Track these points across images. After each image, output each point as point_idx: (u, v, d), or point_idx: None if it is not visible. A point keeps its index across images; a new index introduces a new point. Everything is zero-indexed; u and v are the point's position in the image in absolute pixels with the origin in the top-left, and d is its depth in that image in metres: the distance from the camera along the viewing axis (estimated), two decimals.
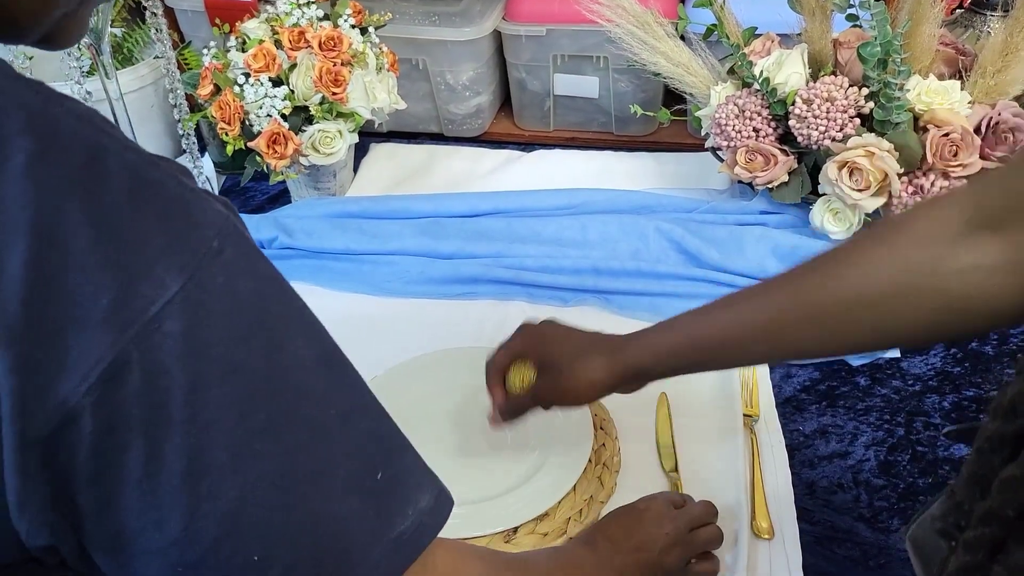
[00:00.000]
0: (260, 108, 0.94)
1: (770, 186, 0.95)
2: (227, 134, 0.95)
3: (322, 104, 0.96)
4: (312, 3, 0.98)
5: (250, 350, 0.35)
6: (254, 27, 0.98)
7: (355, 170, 1.13)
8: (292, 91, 0.95)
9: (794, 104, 0.90)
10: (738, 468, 0.72)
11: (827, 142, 0.89)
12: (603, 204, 1.01)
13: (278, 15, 0.98)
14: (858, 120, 0.89)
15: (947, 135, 0.86)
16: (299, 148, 0.96)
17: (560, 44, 1.11)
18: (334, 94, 0.95)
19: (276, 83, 0.95)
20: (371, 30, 1.01)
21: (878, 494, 0.72)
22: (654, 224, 0.96)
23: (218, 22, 1.01)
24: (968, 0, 1.02)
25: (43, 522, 0.33)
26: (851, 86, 0.89)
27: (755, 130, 0.94)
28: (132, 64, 1.11)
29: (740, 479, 0.70)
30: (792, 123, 0.91)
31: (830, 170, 0.89)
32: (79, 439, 0.31)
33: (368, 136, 1.16)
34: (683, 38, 1.01)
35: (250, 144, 0.95)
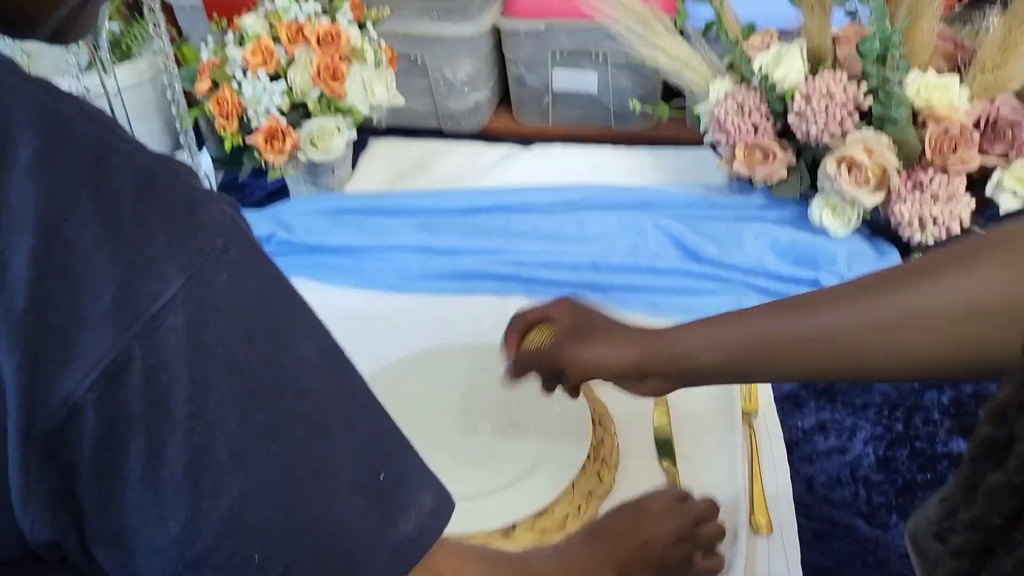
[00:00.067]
0: (258, 104, 0.94)
1: (769, 182, 0.95)
2: (225, 130, 0.95)
3: (320, 100, 0.96)
4: None
5: (253, 349, 0.35)
6: (252, 22, 0.98)
7: (354, 166, 1.13)
8: (290, 87, 0.95)
9: (793, 99, 0.90)
10: (737, 464, 0.72)
11: (826, 137, 0.89)
12: (602, 200, 1.01)
13: (276, 10, 0.98)
14: (857, 115, 0.89)
15: (946, 130, 0.85)
16: (297, 144, 0.95)
17: (559, 40, 1.10)
18: (332, 90, 0.94)
19: (274, 78, 0.95)
20: (369, 25, 1.00)
21: (877, 490, 0.72)
22: (653, 220, 0.96)
23: (216, 17, 1.01)
24: None
25: (46, 517, 0.33)
26: (850, 81, 0.89)
27: (754, 125, 0.94)
28: (130, 59, 1.10)
29: (739, 475, 0.70)
30: (791, 118, 0.91)
31: (829, 165, 0.89)
32: (81, 435, 0.32)
33: (367, 132, 1.15)
34: (682, 33, 1.00)
35: (248, 140, 0.95)
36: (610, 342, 0.60)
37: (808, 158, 0.94)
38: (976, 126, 0.86)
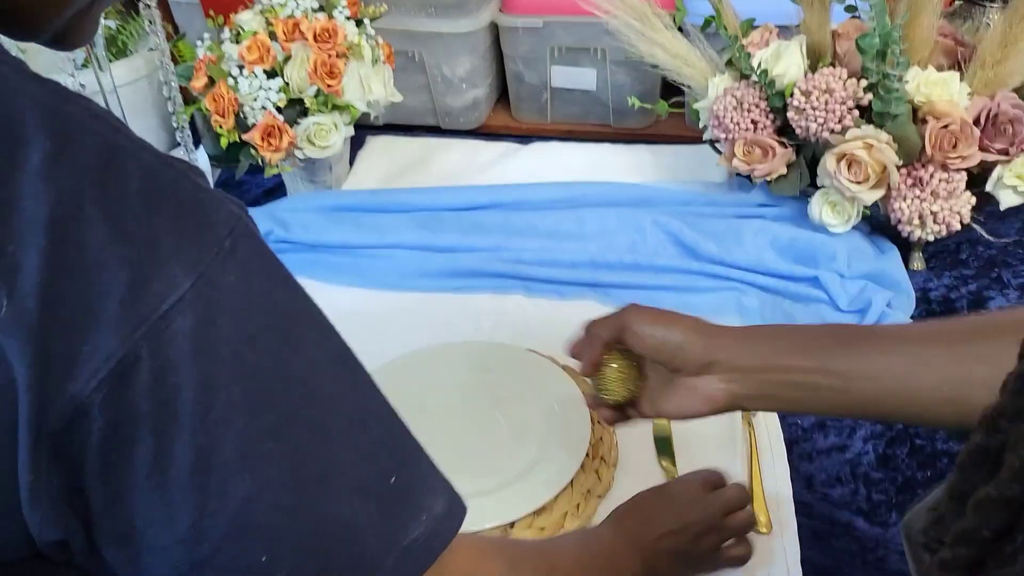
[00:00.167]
0: (254, 100, 0.93)
1: (768, 178, 0.95)
2: (221, 127, 0.94)
3: (317, 96, 0.95)
4: None
5: (261, 350, 0.35)
6: (248, 18, 0.97)
7: (351, 163, 1.13)
8: (287, 83, 0.94)
9: (792, 96, 0.90)
10: (736, 462, 0.71)
11: (825, 134, 0.89)
12: (600, 197, 1.01)
13: (272, 6, 0.97)
14: (857, 112, 0.88)
15: (946, 127, 0.85)
16: (294, 141, 0.95)
17: (557, 36, 1.10)
18: (329, 86, 0.94)
19: (270, 75, 0.94)
20: (366, 22, 1.00)
21: (876, 487, 0.72)
22: (652, 217, 0.96)
23: (212, 14, 1.00)
24: None
25: (54, 516, 0.33)
26: (850, 78, 0.88)
27: (753, 122, 0.93)
28: (126, 56, 1.10)
29: (738, 473, 0.70)
30: (790, 115, 0.90)
31: (828, 162, 0.89)
32: (89, 434, 0.32)
33: (364, 129, 1.15)
34: (681, 29, 1.00)
35: (244, 137, 0.95)
36: (697, 388, 0.56)
37: (808, 155, 0.94)
38: (976, 122, 0.86)
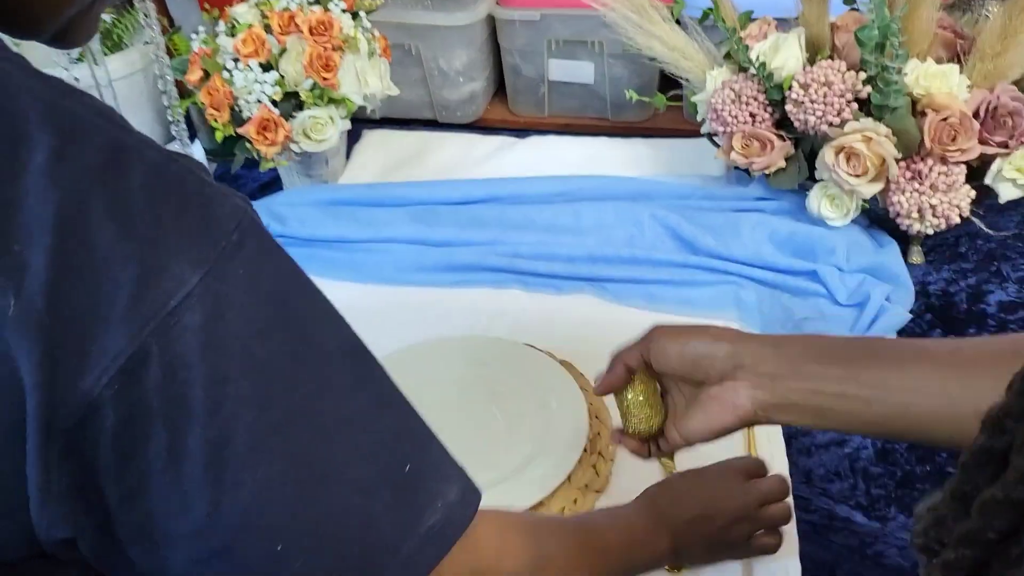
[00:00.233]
0: (249, 94, 0.93)
1: (767, 172, 0.94)
2: (216, 120, 0.94)
3: (313, 90, 0.95)
4: None
5: (271, 344, 0.35)
6: (243, 11, 0.97)
7: (347, 157, 1.12)
8: (282, 76, 0.94)
9: (791, 89, 0.89)
10: (735, 456, 0.71)
11: (824, 127, 0.88)
12: (598, 191, 1.00)
13: None
14: (855, 105, 0.88)
15: (945, 119, 0.85)
16: (290, 135, 0.95)
17: (554, 29, 1.09)
18: (325, 79, 0.93)
19: (266, 68, 0.94)
20: (362, 15, 0.99)
21: (875, 482, 0.72)
22: (649, 211, 0.95)
23: (207, 7, 1.00)
24: None
25: (64, 514, 0.34)
26: (848, 70, 0.88)
27: (751, 115, 0.93)
28: (121, 50, 1.09)
29: None
30: (789, 108, 0.90)
31: (827, 155, 0.88)
32: (101, 430, 0.32)
33: (360, 123, 1.14)
34: (679, 22, 0.99)
35: (240, 131, 0.94)
36: (721, 397, 0.54)
37: (806, 148, 0.94)
38: (976, 115, 0.86)
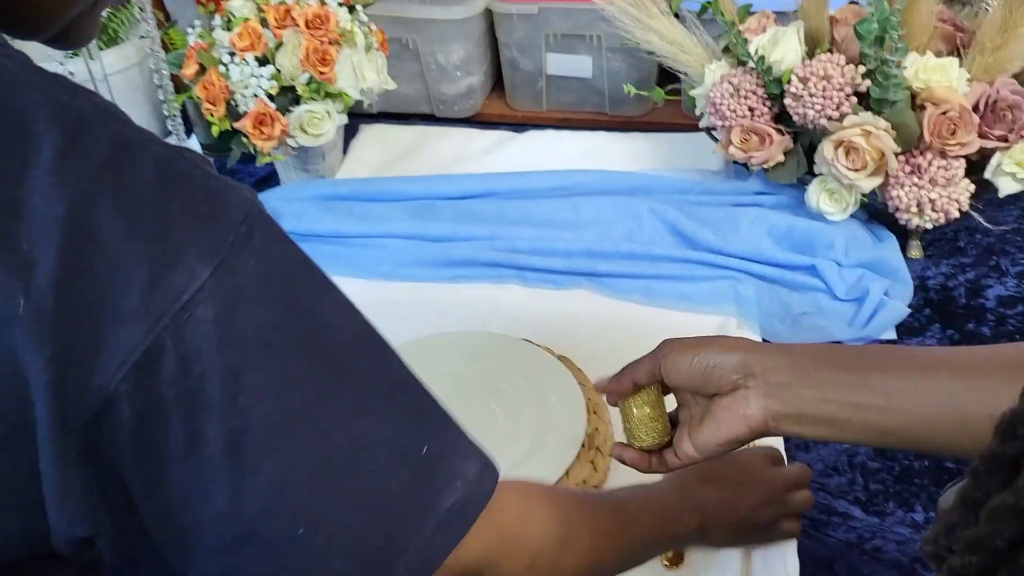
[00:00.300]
0: (246, 88, 0.92)
1: (765, 166, 0.94)
2: (212, 115, 0.93)
3: (309, 84, 0.94)
4: None
5: (284, 333, 0.35)
6: (239, 5, 0.96)
7: (344, 152, 1.12)
8: (278, 70, 0.93)
9: (790, 82, 0.89)
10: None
11: (823, 121, 0.88)
12: (596, 185, 1.00)
13: None
14: (855, 98, 0.87)
15: (945, 113, 0.84)
16: (286, 129, 0.94)
17: (552, 23, 1.09)
18: (321, 74, 0.93)
19: (262, 62, 0.93)
20: (359, 8, 0.99)
21: (873, 477, 0.72)
22: (648, 205, 0.95)
23: (203, 1, 0.99)
24: None
25: (85, 511, 0.34)
26: (848, 64, 0.87)
27: (750, 109, 0.92)
28: (116, 44, 1.09)
29: None
30: (788, 102, 0.90)
31: (826, 149, 0.88)
32: (119, 424, 0.33)
33: (358, 117, 1.14)
34: (677, 16, 0.99)
35: (236, 125, 0.94)
36: (732, 408, 0.52)
37: (805, 142, 0.93)
38: (975, 109, 0.85)
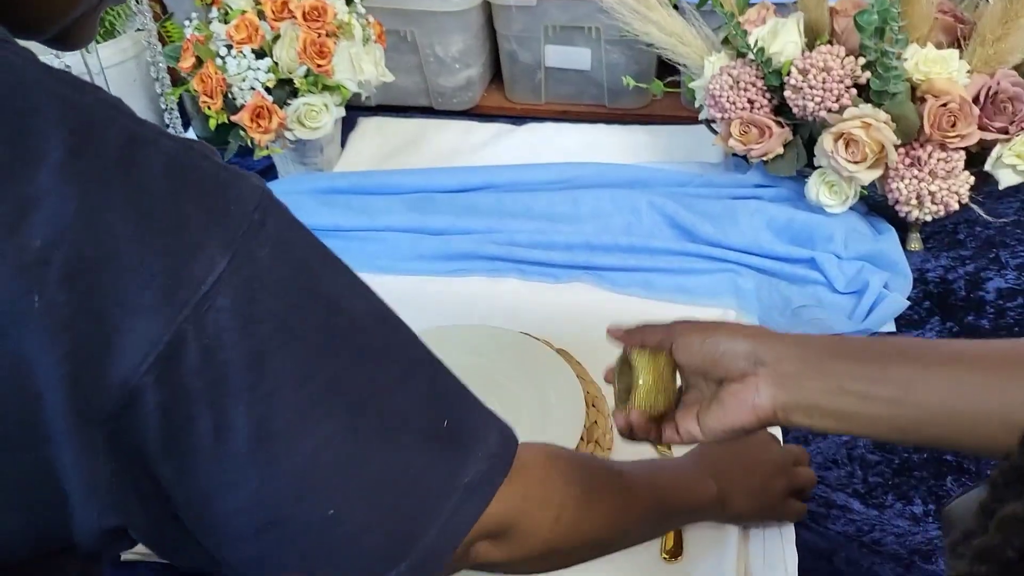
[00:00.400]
0: (243, 81, 0.92)
1: (765, 159, 0.94)
2: (209, 108, 0.93)
3: (307, 77, 0.94)
4: None
5: (303, 316, 0.36)
6: None
7: (343, 144, 1.11)
8: (276, 63, 0.93)
9: (789, 74, 0.89)
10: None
11: (823, 113, 0.87)
12: (595, 178, 1.00)
13: None
14: (855, 90, 0.87)
15: (945, 105, 0.84)
16: (284, 122, 0.94)
17: (551, 14, 1.08)
18: (319, 66, 0.92)
19: (259, 55, 0.93)
20: (356, 0, 0.98)
21: (872, 470, 0.72)
22: (647, 198, 0.95)
23: None
24: None
25: (114, 502, 0.35)
26: (848, 56, 0.87)
27: (750, 101, 0.92)
28: (113, 37, 1.08)
29: None
30: (787, 94, 0.89)
31: (826, 142, 0.88)
32: (145, 415, 0.33)
33: (356, 110, 1.13)
34: (676, 7, 0.98)
35: (233, 118, 0.93)
36: (740, 395, 0.49)
37: (805, 134, 0.93)
38: (975, 101, 0.85)
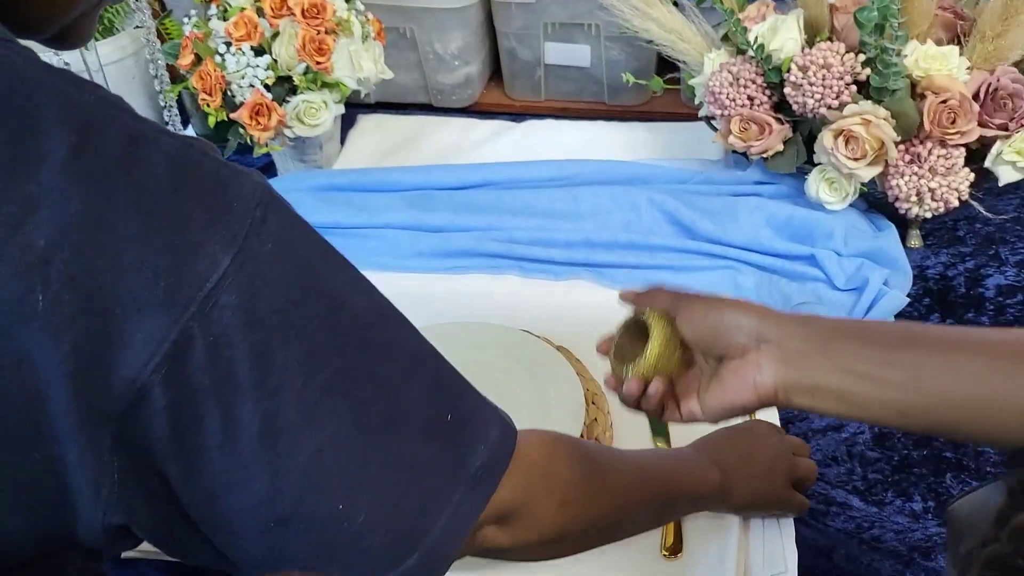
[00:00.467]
0: (242, 78, 0.92)
1: (765, 156, 0.94)
2: (208, 105, 0.93)
3: (306, 74, 0.94)
4: None
5: (307, 312, 0.36)
6: None
7: (342, 142, 1.11)
8: (275, 60, 0.93)
9: (789, 71, 0.89)
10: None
11: (823, 110, 0.87)
12: (595, 175, 1.00)
13: None
14: (854, 87, 0.87)
15: (945, 102, 0.84)
16: (283, 119, 0.94)
17: (550, 11, 1.08)
18: (318, 63, 0.92)
19: (258, 52, 0.93)
20: None
21: (872, 467, 0.72)
22: (647, 195, 0.95)
23: None
24: None
25: (119, 500, 0.35)
26: (847, 52, 0.87)
27: (749, 98, 0.92)
28: (112, 35, 1.08)
29: None
30: (787, 91, 0.89)
31: (826, 139, 0.88)
32: (153, 413, 0.33)
33: (355, 107, 1.13)
34: (676, 4, 0.98)
35: (232, 115, 0.93)
36: (742, 372, 0.50)
37: (804, 131, 0.93)
38: (975, 97, 0.85)
